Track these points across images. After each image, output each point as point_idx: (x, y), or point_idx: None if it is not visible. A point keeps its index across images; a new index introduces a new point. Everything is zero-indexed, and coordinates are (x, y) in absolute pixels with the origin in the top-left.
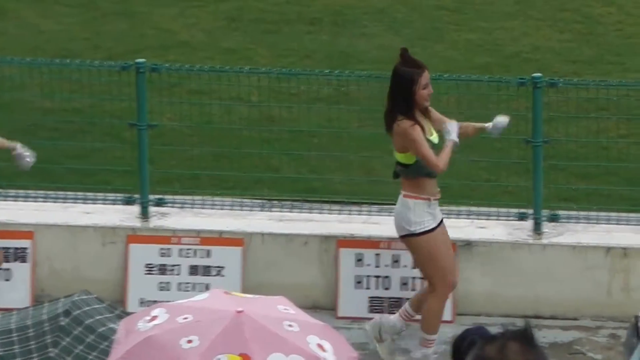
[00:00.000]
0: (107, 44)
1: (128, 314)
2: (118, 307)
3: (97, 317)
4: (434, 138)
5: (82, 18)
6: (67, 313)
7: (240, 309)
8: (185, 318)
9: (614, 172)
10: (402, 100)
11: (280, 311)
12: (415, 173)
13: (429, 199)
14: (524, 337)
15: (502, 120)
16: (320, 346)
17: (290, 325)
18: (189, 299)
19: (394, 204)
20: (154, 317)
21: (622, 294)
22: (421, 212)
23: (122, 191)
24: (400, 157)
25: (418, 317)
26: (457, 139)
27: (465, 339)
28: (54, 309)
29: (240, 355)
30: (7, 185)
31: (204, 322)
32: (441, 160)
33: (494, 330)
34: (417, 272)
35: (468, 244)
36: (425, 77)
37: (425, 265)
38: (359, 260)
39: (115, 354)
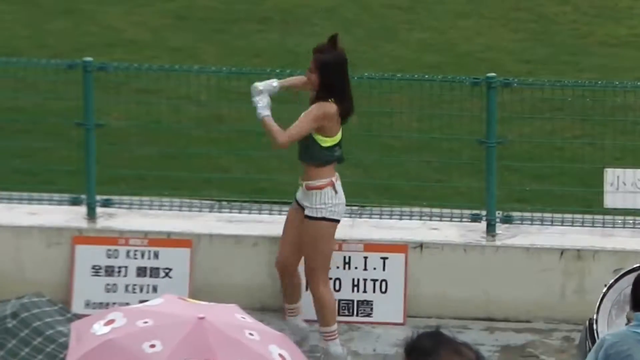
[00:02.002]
0: (52, 42)
1: (79, 317)
2: (70, 311)
3: (46, 320)
4: None
5: (25, 15)
6: (14, 315)
7: (201, 315)
8: (146, 322)
9: (568, 172)
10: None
11: (239, 319)
12: None
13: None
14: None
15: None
16: (281, 356)
17: (251, 334)
18: (144, 304)
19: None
20: (111, 321)
21: (575, 297)
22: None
23: (69, 191)
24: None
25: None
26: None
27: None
28: (2, 311)
29: None
30: None
31: (166, 327)
32: None
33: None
34: (368, 274)
35: (420, 246)
36: None
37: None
38: None
39: (72, 357)
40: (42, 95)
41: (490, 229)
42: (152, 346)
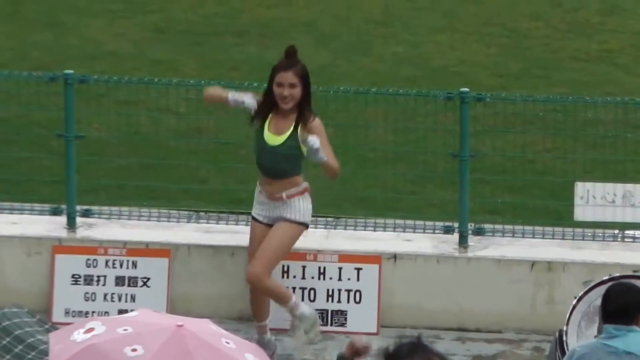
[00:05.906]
0: (34, 54)
1: (57, 328)
2: (48, 322)
3: (27, 329)
4: (270, 138)
5: (8, 28)
6: None
7: (180, 323)
8: (125, 329)
9: (540, 185)
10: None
11: (215, 329)
12: None
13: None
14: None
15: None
16: None
17: (227, 342)
18: (121, 315)
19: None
20: (91, 329)
21: (546, 308)
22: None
23: (49, 201)
24: None
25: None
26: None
27: None
28: None
29: None
30: None
31: (146, 334)
32: None
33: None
34: (343, 284)
35: (394, 257)
36: (281, 76)
37: None
38: (285, 272)
39: None
40: (24, 107)
41: (463, 241)
42: (134, 350)
